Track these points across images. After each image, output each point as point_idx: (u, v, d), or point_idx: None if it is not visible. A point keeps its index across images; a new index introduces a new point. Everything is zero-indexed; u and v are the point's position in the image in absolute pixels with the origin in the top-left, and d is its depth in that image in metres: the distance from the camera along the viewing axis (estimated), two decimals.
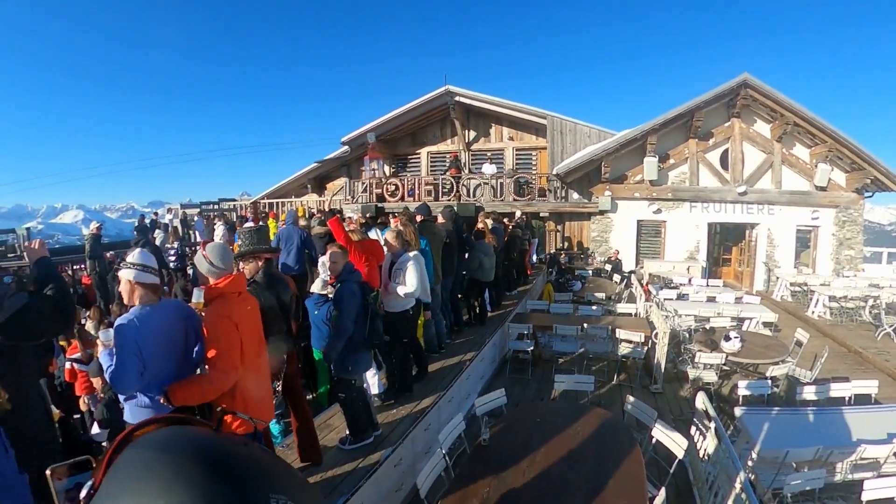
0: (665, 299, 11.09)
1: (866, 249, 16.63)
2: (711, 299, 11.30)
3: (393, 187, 17.54)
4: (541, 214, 16.69)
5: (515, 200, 16.40)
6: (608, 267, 15.12)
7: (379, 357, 5.58)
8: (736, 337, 7.30)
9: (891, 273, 14.88)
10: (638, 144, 15.59)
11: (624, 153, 15.73)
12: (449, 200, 15.82)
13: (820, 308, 12.31)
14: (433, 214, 7.44)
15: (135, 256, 2.81)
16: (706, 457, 4.74)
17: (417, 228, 6.58)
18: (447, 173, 17.41)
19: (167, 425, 0.95)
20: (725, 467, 4.14)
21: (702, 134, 15.76)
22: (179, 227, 15.80)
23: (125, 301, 2.82)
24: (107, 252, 12.58)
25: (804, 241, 16.11)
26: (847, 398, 5.92)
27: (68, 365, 5.68)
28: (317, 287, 5.29)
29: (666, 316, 9.14)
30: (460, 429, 4.48)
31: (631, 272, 14.85)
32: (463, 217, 8.41)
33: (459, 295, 8.36)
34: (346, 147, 19.29)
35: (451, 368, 6.48)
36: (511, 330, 8.31)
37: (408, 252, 5.63)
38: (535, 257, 14.31)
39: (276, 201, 19.65)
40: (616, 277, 14.14)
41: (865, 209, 15.83)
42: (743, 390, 6.07)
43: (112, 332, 2.67)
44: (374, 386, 5.42)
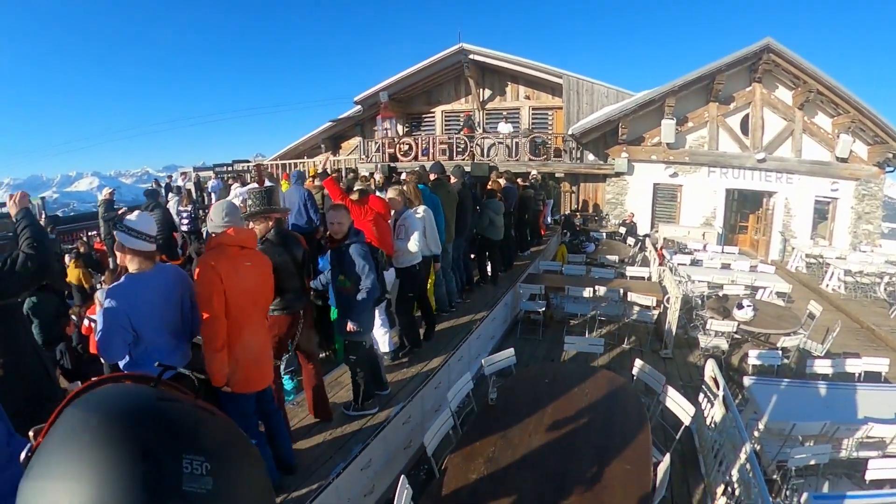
0: (679, 264, 11.02)
1: (884, 225, 16.31)
2: (726, 266, 11.17)
3: (406, 147, 17.30)
4: (556, 175, 16.44)
5: (531, 160, 16.17)
6: (622, 230, 14.98)
7: (389, 314, 5.61)
8: (749, 305, 7.24)
9: None
10: (656, 106, 15.22)
11: (642, 114, 15.40)
12: (463, 160, 15.60)
13: (834, 281, 12.14)
14: (446, 173, 7.37)
15: (130, 219, 2.69)
16: (713, 425, 4.74)
17: (431, 187, 6.54)
18: (461, 132, 17.19)
19: (114, 383, 0.94)
20: (731, 436, 4.14)
21: (722, 98, 15.31)
22: (193, 190, 15.78)
23: (118, 262, 2.76)
24: None
25: (822, 213, 15.80)
26: (857, 375, 5.86)
27: (87, 322, 5.90)
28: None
29: (679, 281, 9.07)
30: (469, 388, 4.52)
31: (645, 236, 14.69)
32: (476, 177, 8.30)
33: (472, 255, 8.34)
34: (360, 107, 19.06)
35: (462, 328, 6.49)
36: (523, 290, 8.29)
37: (410, 209, 5.65)
38: (550, 218, 14.21)
39: (290, 162, 19.39)
40: (630, 241, 14.05)
41: (885, 185, 15.47)
42: (753, 360, 6.05)
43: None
44: (385, 344, 5.45)
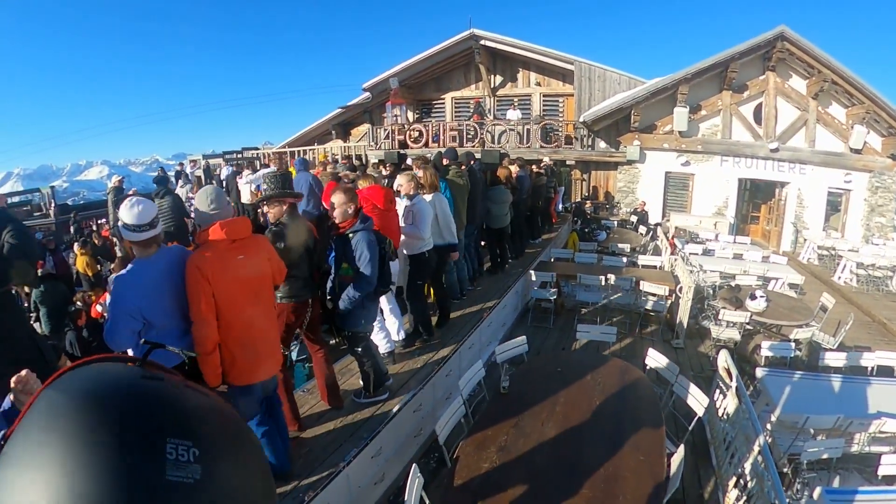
0: (690, 254, 10.93)
1: None
2: (738, 256, 11.08)
3: (416, 133, 17.24)
4: (567, 162, 16.37)
5: (542, 147, 16.06)
6: (634, 218, 14.88)
7: (400, 301, 5.59)
8: (762, 296, 7.19)
9: None
10: (669, 94, 15.03)
11: (654, 102, 15.22)
12: (473, 147, 15.52)
13: (847, 274, 11.98)
14: (458, 160, 7.30)
15: (122, 214, 2.60)
16: (725, 416, 4.71)
17: (441, 173, 6.45)
18: (471, 119, 17.09)
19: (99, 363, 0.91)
20: (744, 428, 4.11)
21: (736, 86, 15.08)
22: (202, 177, 15.80)
23: (125, 248, 2.75)
24: None
25: (835, 205, 15.51)
26: (870, 368, 5.81)
27: (99, 308, 6.02)
28: None
29: (691, 270, 9.00)
30: (480, 376, 4.51)
31: (657, 224, 14.61)
32: (486, 164, 8.23)
33: (483, 243, 8.31)
34: (368, 94, 18.95)
35: (473, 315, 6.48)
36: (534, 278, 8.26)
37: (420, 194, 5.50)
38: (561, 205, 14.14)
39: (299, 149, 19.28)
40: (641, 229, 13.98)
41: None
42: (766, 351, 6.01)
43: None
44: (395, 331, 5.43)
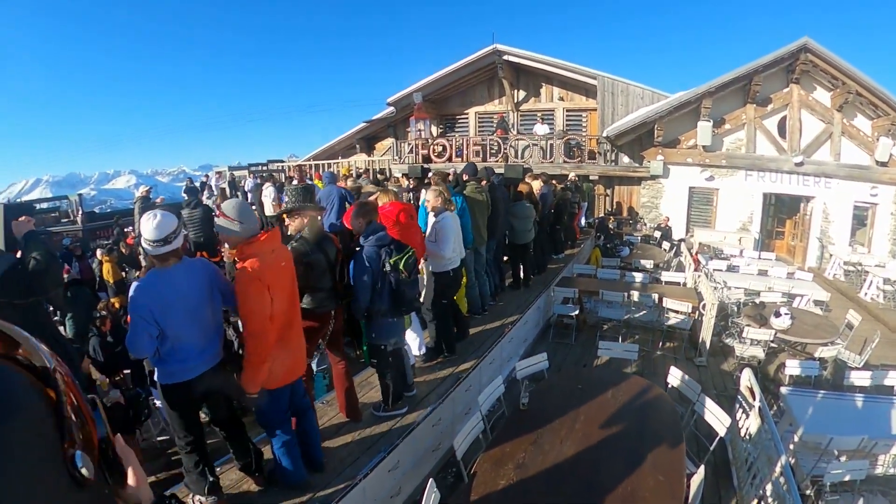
0: (714, 270, 10.80)
1: None
2: (763, 273, 10.93)
3: (440, 148, 17.35)
4: (590, 178, 16.29)
5: (566, 162, 16.04)
6: (657, 234, 14.76)
7: (421, 317, 5.64)
8: (787, 314, 7.08)
9: None
10: (692, 108, 14.93)
11: (677, 116, 15.13)
12: (496, 162, 15.61)
13: (873, 290, 11.62)
14: (478, 175, 7.35)
15: (141, 227, 2.69)
16: (747, 436, 4.65)
17: (459, 189, 6.49)
18: (494, 134, 17.15)
19: None
20: (766, 449, 4.06)
21: (760, 99, 14.90)
22: (227, 189, 16.09)
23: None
24: None
25: (861, 219, 15.13)
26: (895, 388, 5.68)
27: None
28: None
29: (715, 287, 8.88)
30: (500, 392, 4.52)
31: (680, 240, 14.46)
32: (510, 179, 8.28)
33: (505, 258, 8.32)
34: (392, 108, 19.16)
35: (494, 331, 6.50)
36: (556, 294, 8.26)
37: (448, 209, 5.51)
38: (584, 221, 14.10)
39: (324, 162, 19.63)
40: (665, 245, 13.86)
41: None
42: (791, 369, 5.93)
43: None
44: (416, 347, 5.49)
